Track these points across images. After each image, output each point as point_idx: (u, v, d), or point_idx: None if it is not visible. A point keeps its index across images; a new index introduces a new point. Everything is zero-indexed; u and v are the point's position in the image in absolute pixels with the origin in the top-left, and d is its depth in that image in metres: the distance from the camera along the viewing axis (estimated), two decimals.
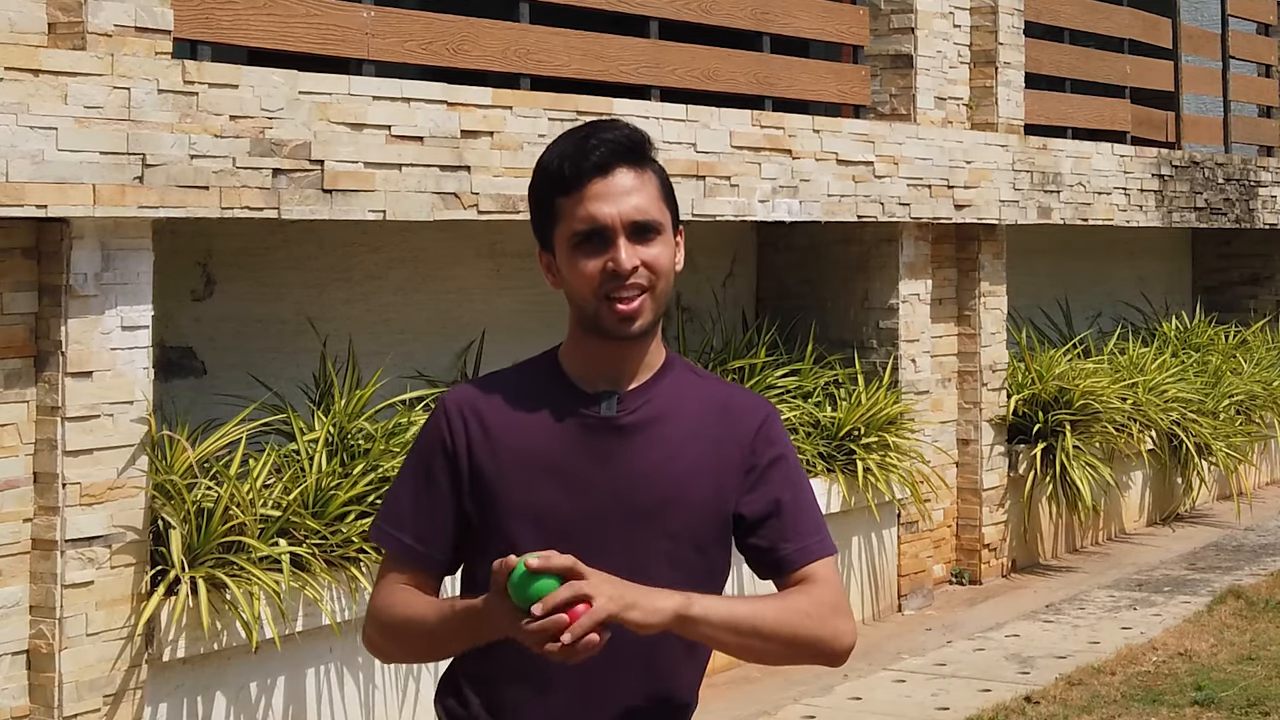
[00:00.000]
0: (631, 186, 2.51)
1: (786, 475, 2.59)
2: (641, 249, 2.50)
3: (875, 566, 8.26)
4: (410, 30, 6.32)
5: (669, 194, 2.58)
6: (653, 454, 2.52)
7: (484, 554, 2.50)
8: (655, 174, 2.56)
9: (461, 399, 2.59)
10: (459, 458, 2.55)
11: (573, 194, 2.50)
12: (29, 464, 4.85)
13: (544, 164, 2.55)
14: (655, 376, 2.57)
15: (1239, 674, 6.83)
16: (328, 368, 6.29)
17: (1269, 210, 12.27)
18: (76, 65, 4.80)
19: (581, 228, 2.49)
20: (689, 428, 2.55)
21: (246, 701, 5.42)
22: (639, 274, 2.49)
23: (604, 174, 2.50)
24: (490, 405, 2.56)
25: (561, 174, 2.51)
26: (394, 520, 2.60)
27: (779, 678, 6.90)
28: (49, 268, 4.88)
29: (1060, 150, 9.63)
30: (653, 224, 2.51)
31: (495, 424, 2.55)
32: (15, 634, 4.82)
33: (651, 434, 2.53)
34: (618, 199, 2.49)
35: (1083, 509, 9.24)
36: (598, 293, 2.49)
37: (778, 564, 2.56)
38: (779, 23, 8.07)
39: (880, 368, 8.36)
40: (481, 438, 2.54)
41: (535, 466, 2.51)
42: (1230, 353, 11.55)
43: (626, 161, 2.52)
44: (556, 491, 2.50)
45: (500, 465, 2.52)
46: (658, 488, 2.51)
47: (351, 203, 5.62)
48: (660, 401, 2.55)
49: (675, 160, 6.88)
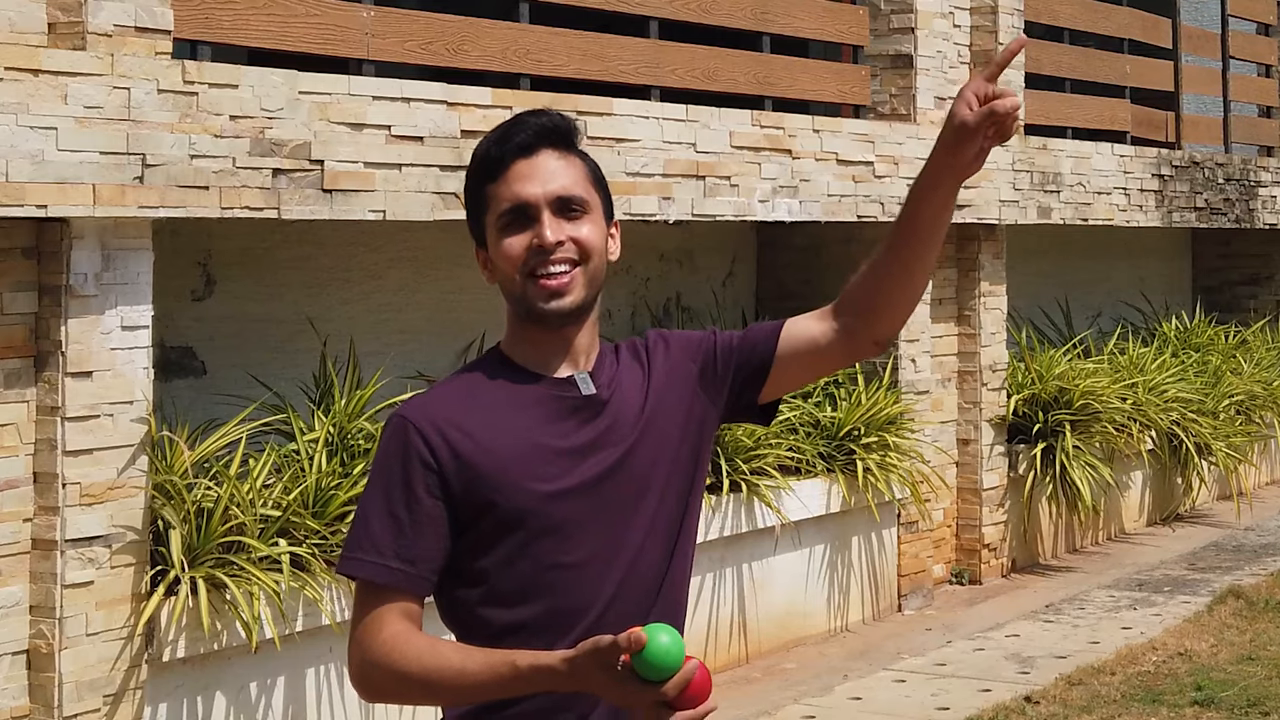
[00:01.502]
0: (556, 168, 2.49)
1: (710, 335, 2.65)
2: (568, 225, 2.48)
3: (875, 566, 8.26)
4: (410, 30, 6.32)
5: (599, 181, 2.56)
6: (634, 420, 2.53)
7: (489, 553, 2.47)
8: (583, 160, 2.54)
9: (425, 410, 2.49)
10: (443, 467, 2.45)
11: (498, 178, 2.49)
12: (29, 464, 4.85)
13: (474, 155, 2.55)
14: (602, 353, 2.58)
15: (1239, 674, 6.82)
16: (328, 367, 6.29)
17: (1269, 210, 12.27)
18: (76, 65, 4.80)
19: (506, 206, 2.48)
20: (642, 388, 2.57)
21: (246, 701, 5.42)
22: (565, 248, 2.47)
23: (528, 154, 2.49)
24: (459, 407, 2.49)
25: (487, 159, 2.51)
26: (370, 547, 2.44)
27: (778, 678, 6.90)
28: (49, 268, 4.88)
29: (1060, 150, 9.63)
30: (578, 199, 2.50)
31: (472, 423, 2.47)
32: (15, 634, 4.82)
33: (627, 402, 2.54)
34: (542, 177, 2.48)
35: (1083, 509, 9.25)
36: (523, 270, 2.47)
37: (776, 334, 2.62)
38: (779, 23, 8.07)
39: (880, 367, 8.36)
40: (462, 439, 2.46)
41: (538, 454, 2.47)
42: (1230, 353, 11.55)
43: (551, 144, 2.51)
44: (569, 473, 2.48)
45: (494, 459, 2.46)
46: (653, 450, 2.53)
47: (351, 203, 5.62)
48: (621, 373, 2.57)
49: (675, 160, 6.88)
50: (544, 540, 2.46)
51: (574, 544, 2.47)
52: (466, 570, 2.50)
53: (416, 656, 2.37)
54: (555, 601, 2.46)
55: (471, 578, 2.50)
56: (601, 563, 2.48)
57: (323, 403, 6.18)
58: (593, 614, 2.45)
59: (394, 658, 2.38)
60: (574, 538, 2.47)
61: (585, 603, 2.45)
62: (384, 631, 2.41)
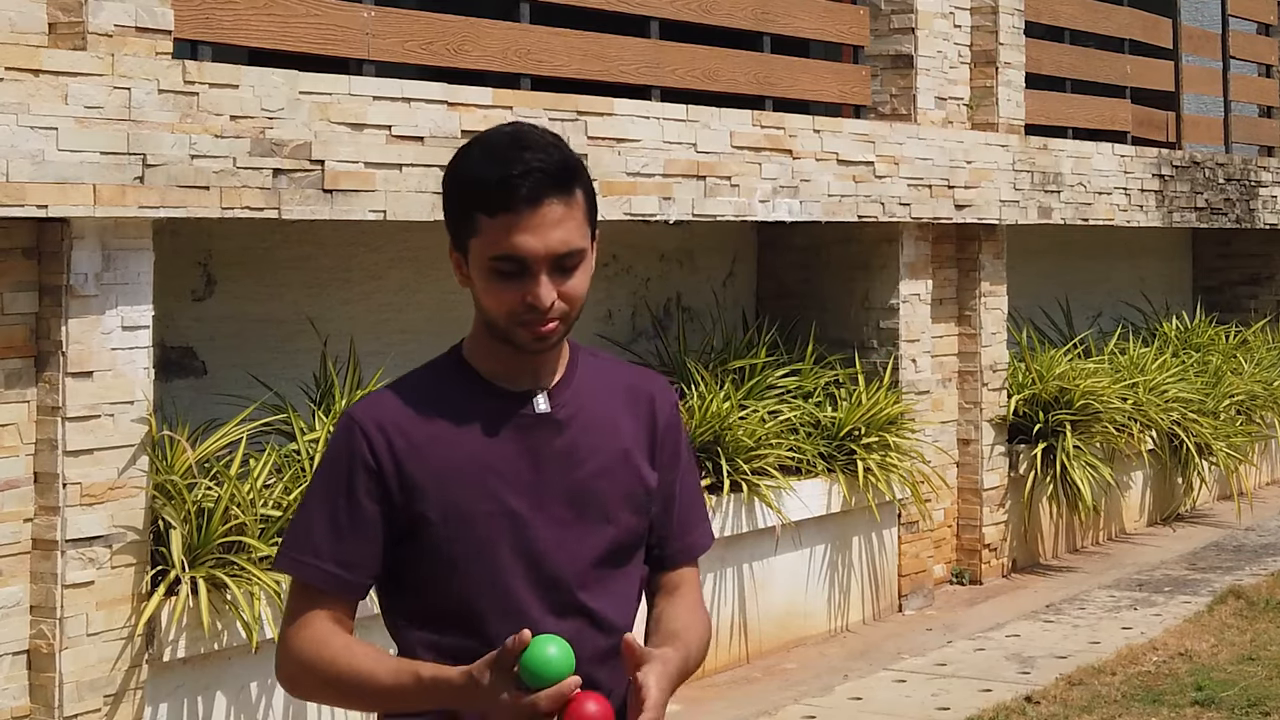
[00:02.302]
0: (559, 218, 2.39)
1: (684, 469, 2.62)
2: (560, 283, 2.41)
3: (875, 566, 8.26)
4: (411, 30, 6.32)
5: (592, 209, 2.47)
6: (588, 444, 2.49)
7: (423, 568, 2.44)
8: (583, 192, 2.44)
9: (374, 412, 2.46)
10: (384, 473, 2.42)
11: (497, 217, 2.38)
12: (29, 464, 4.85)
13: (465, 175, 2.43)
14: (570, 368, 2.53)
15: (1239, 674, 6.82)
16: (328, 367, 6.29)
17: (1269, 210, 12.27)
18: (77, 65, 4.80)
19: (502, 254, 2.38)
20: (610, 414, 2.54)
21: (247, 701, 5.42)
22: (555, 308, 2.41)
23: (533, 206, 2.37)
24: (409, 415, 2.45)
25: (486, 193, 2.39)
26: (308, 548, 2.44)
27: (779, 678, 6.90)
28: (49, 268, 4.88)
29: (1061, 150, 9.63)
30: (575, 251, 2.42)
31: (420, 433, 2.44)
32: (16, 634, 4.82)
33: (582, 424, 2.50)
34: (544, 232, 2.37)
35: (1083, 509, 9.24)
36: (511, 320, 2.42)
37: (660, 560, 2.61)
38: (779, 23, 8.07)
39: (880, 368, 8.36)
40: (407, 449, 2.42)
41: (475, 470, 2.43)
42: (1231, 353, 11.55)
43: (556, 191, 2.39)
44: (504, 491, 2.43)
45: (437, 474, 2.42)
46: (598, 477, 2.49)
47: (352, 203, 5.62)
48: (584, 392, 2.52)
49: (675, 160, 6.88)
50: (472, 559, 2.43)
51: (500, 565, 2.43)
52: (403, 579, 2.48)
53: (332, 659, 2.40)
54: (480, 624, 2.42)
55: (407, 588, 2.48)
56: (529, 587, 2.44)
57: (323, 403, 6.18)
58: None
59: (314, 658, 2.41)
60: (500, 559, 2.43)
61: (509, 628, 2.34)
62: (309, 630, 2.43)
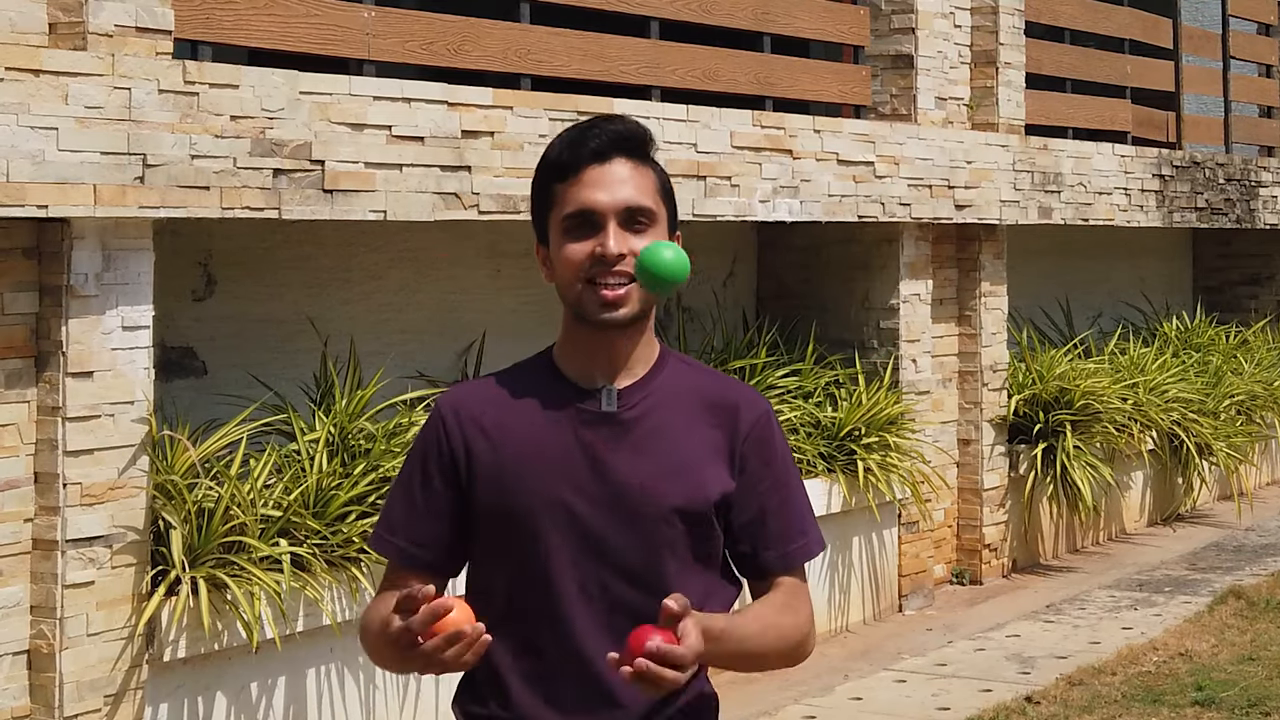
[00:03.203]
0: (627, 176, 2.51)
1: (776, 479, 2.59)
2: (632, 238, 2.48)
3: (876, 566, 8.26)
4: (411, 30, 6.32)
5: (668, 193, 2.57)
6: (653, 447, 2.52)
7: (495, 553, 2.53)
8: (654, 171, 2.56)
9: (455, 401, 2.60)
10: (457, 459, 2.55)
11: (569, 179, 2.51)
12: (29, 464, 4.85)
13: (545, 154, 2.57)
14: (651, 371, 2.56)
15: (1239, 674, 6.82)
16: (328, 368, 6.29)
17: (1269, 210, 12.26)
18: (77, 65, 4.80)
19: (573, 210, 2.49)
20: (686, 421, 2.55)
21: (247, 702, 5.42)
22: (626, 261, 2.47)
23: (601, 161, 2.50)
24: (486, 405, 2.56)
25: (560, 160, 2.52)
26: (389, 526, 2.61)
27: (779, 678, 6.89)
28: (49, 268, 4.87)
29: (1061, 150, 9.63)
30: (645, 210, 2.50)
31: (493, 423, 2.54)
32: (16, 634, 4.82)
33: (651, 427, 2.53)
34: (612, 186, 2.49)
35: (1083, 509, 9.24)
36: (582, 276, 2.48)
37: (757, 569, 2.60)
38: (779, 23, 8.07)
39: (881, 368, 8.36)
40: (480, 437, 2.54)
41: (540, 463, 2.51)
42: (1231, 353, 11.55)
43: (625, 152, 2.52)
44: (564, 487, 2.50)
45: (504, 464, 2.52)
46: (660, 480, 2.51)
47: (352, 203, 5.62)
48: (658, 395, 2.55)
49: (675, 160, 6.88)
50: (517, 547, 2.51)
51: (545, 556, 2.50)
52: (473, 558, 2.60)
53: (368, 619, 2.55)
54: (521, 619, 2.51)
55: (473, 566, 2.60)
56: (571, 580, 2.49)
57: (323, 403, 6.18)
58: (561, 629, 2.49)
59: (363, 626, 2.57)
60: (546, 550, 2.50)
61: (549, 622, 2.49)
62: (376, 600, 2.58)
